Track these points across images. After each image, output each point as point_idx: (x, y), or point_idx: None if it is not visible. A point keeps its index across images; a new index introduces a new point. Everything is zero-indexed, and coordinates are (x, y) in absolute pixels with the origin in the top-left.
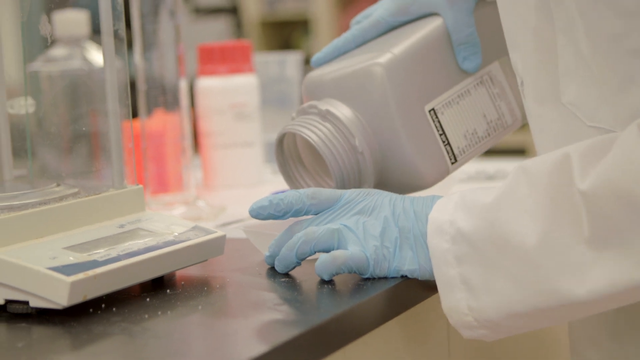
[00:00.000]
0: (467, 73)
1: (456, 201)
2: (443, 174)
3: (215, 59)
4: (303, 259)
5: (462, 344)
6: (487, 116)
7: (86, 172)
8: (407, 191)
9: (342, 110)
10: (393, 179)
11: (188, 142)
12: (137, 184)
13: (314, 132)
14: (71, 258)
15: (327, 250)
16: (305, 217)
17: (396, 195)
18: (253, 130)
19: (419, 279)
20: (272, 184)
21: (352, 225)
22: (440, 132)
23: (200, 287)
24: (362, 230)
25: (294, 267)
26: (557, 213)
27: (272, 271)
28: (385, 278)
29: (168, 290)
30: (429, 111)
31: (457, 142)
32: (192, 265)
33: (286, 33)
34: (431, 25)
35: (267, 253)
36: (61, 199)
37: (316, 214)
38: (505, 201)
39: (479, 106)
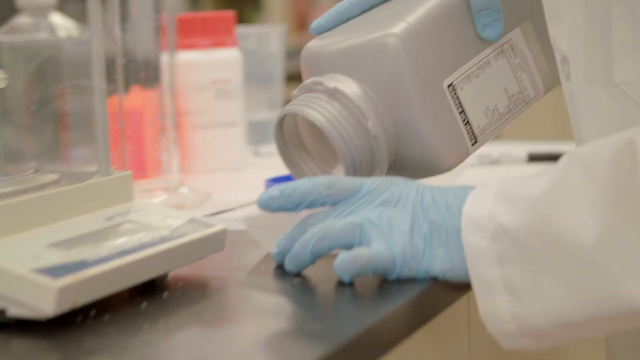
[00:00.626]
0: (486, 42)
1: (496, 193)
2: (463, 156)
3: (195, 31)
4: (319, 257)
5: (484, 352)
6: (509, 90)
7: (65, 156)
8: (422, 176)
9: (352, 87)
10: (408, 163)
11: (170, 122)
12: (125, 170)
13: (320, 112)
14: (57, 257)
15: (347, 247)
16: (320, 208)
17: (423, 185)
18: (236, 109)
19: (451, 280)
20: (256, 167)
21: (376, 219)
22: (460, 109)
23: (201, 290)
24: (388, 225)
25: (307, 266)
26: (620, 207)
27: (281, 270)
28: (412, 279)
29: (165, 294)
30: (448, 87)
31: (477, 121)
32: (190, 263)
33: (239, 7)
34: None
35: (275, 249)
36: (40, 187)
37: (333, 205)
38: (557, 193)
39: (499, 79)
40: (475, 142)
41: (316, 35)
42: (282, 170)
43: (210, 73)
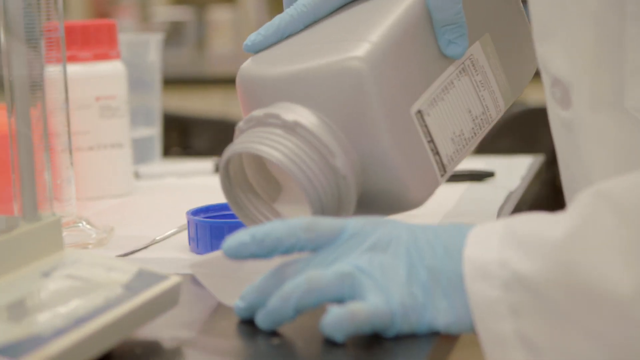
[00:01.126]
0: (448, 60)
1: (502, 235)
2: (432, 189)
3: (75, 42)
4: (301, 313)
5: None
6: (473, 111)
7: None
8: (391, 212)
9: (311, 120)
10: (374, 199)
11: (64, 144)
12: (54, 213)
13: (279, 150)
14: (7, 331)
15: (336, 301)
16: (296, 254)
17: (414, 225)
18: (122, 128)
19: (454, 334)
20: (144, 193)
21: (367, 267)
22: (429, 138)
23: (160, 356)
24: (381, 273)
25: (285, 323)
26: None
27: (248, 327)
28: (411, 335)
29: None
30: (415, 113)
31: (445, 149)
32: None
33: None
34: (406, 1)
35: (239, 303)
36: None
37: (313, 251)
38: (584, 238)
39: (463, 100)
40: (445, 172)
41: (252, 53)
42: (173, 195)
43: (93, 89)
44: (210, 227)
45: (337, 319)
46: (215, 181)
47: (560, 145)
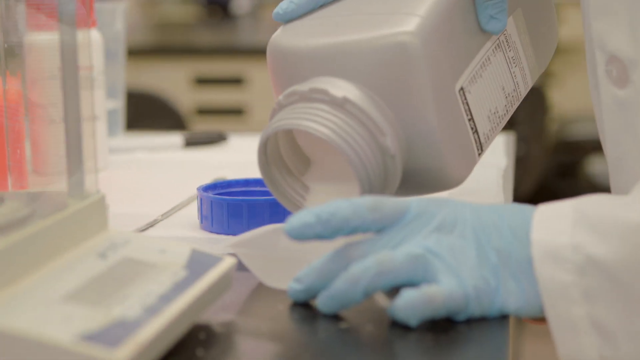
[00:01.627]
0: (485, 36)
1: (575, 218)
2: (471, 168)
3: (48, 9)
4: (369, 296)
5: None
6: (506, 88)
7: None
8: (430, 191)
9: (359, 96)
10: (416, 177)
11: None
12: (98, 190)
13: (329, 128)
14: (92, 317)
15: (407, 284)
16: (357, 235)
17: (476, 205)
18: (99, 100)
19: (524, 317)
20: (120, 167)
21: (437, 248)
22: (469, 117)
23: (230, 344)
24: (452, 255)
25: (351, 306)
26: None
27: (305, 311)
28: (482, 319)
29: (198, 351)
30: (459, 91)
31: (482, 127)
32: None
33: None
34: None
35: (296, 286)
36: (13, 225)
37: (377, 232)
38: None
39: (498, 77)
40: (481, 151)
41: (282, 22)
42: (150, 170)
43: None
44: (228, 204)
45: (412, 303)
46: (186, 155)
47: (611, 123)
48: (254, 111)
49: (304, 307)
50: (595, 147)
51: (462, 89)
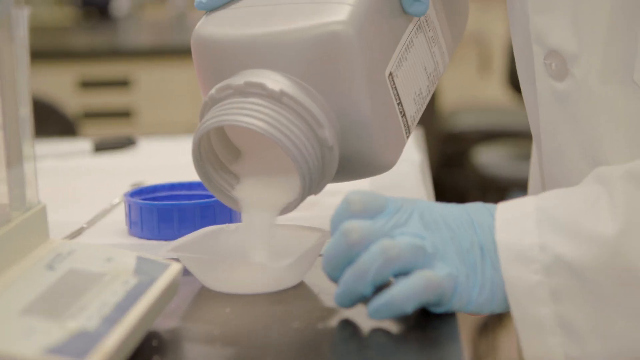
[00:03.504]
0: (408, 18)
1: (539, 218)
2: (400, 152)
3: None
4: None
5: None
6: (427, 68)
7: None
8: (359, 177)
9: (295, 89)
10: (348, 164)
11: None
12: (39, 200)
13: (268, 122)
14: (54, 330)
15: (403, 274)
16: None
17: (442, 204)
18: None
19: (491, 313)
20: None
21: (431, 238)
22: (398, 101)
23: (184, 350)
24: (443, 247)
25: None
26: None
27: (253, 314)
28: (450, 315)
29: (155, 359)
30: (388, 76)
31: (409, 110)
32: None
33: None
34: None
35: (338, 288)
36: None
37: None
38: (631, 223)
39: (421, 58)
40: (409, 133)
41: (205, 11)
42: (63, 176)
43: None
44: (158, 210)
45: (412, 287)
46: (97, 161)
47: (549, 115)
48: (142, 112)
49: (252, 309)
50: (479, 137)
51: (390, 74)
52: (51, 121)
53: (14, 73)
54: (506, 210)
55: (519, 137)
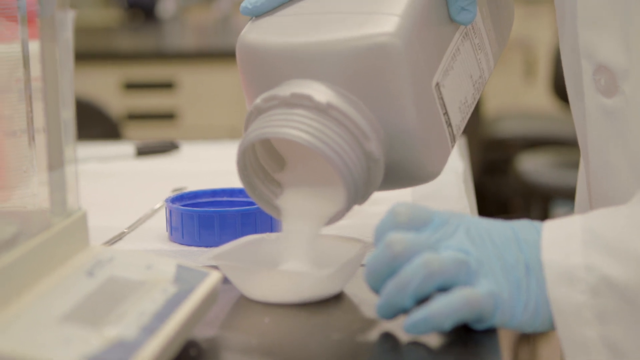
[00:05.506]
0: (455, 26)
1: (585, 238)
2: (446, 160)
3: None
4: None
5: None
6: (473, 76)
7: None
8: (404, 186)
9: (341, 100)
10: (393, 173)
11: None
12: (80, 206)
13: (317, 137)
14: (92, 339)
15: (449, 288)
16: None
17: (487, 219)
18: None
19: (538, 332)
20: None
21: (476, 253)
22: (444, 111)
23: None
24: (488, 263)
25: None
26: None
27: (292, 324)
28: (491, 330)
29: None
30: (435, 86)
31: (455, 119)
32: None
33: None
34: None
35: (380, 300)
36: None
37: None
38: None
39: (467, 66)
40: (454, 142)
41: (250, 17)
42: (105, 180)
43: (12, 69)
44: (199, 216)
45: (451, 305)
46: (139, 165)
47: (597, 131)
48: (185, 115)
49: (291, 320)
50: (523, 144)
51: (437, 84)
52: (95, 123)
53: (57, 75)
54: (553, 229)
55: (563, 145)
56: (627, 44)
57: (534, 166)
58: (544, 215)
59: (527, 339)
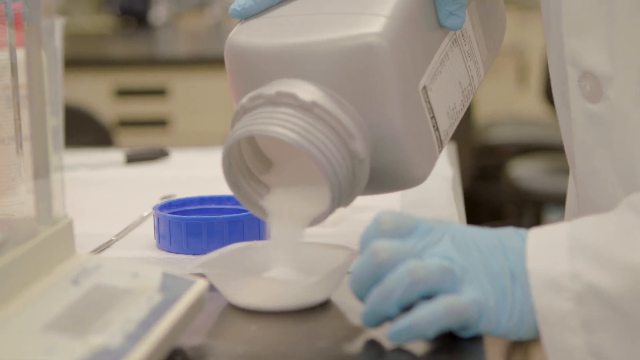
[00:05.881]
0: (444, 32)
1: (571, 246)
2: (433, 165)
3: None
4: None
5: None
6: (462, 83)
7: None
8: (390, 190)
9: (327, 99)
10: (379, 176)
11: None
12: (66, 214)
13: (298, 133)
14: (76, 347)
15: (431, 297)
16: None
17: (473, 227)
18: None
19: (522, 339)
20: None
21: (461, 261)
22: (431, 115)
23: None
24: (474, 270)
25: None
26: None
27: (278, 332)
28: (477, 337)
29: None
30: (422, 90)
31: (443, 124)
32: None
33: None
34: None
35: (365, 307)
36: None
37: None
38: None
39: (456, 73)
40: (441, 148)
41: (239, 19)
42: (94, 188)
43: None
44: (187, 224)
45: (434, 313)
46: (129, 172)
47: (583, 137)
48: (178, 122)
49: (277, 327)
50: (516, 151)
51: (424, 87)
52: (87, 129)
53: (42, 83)
54: (538, 237)
55: (555, 151)
56: (612, 50)
57: (526, 172)
58: (536, 222)
59: (520, 344)
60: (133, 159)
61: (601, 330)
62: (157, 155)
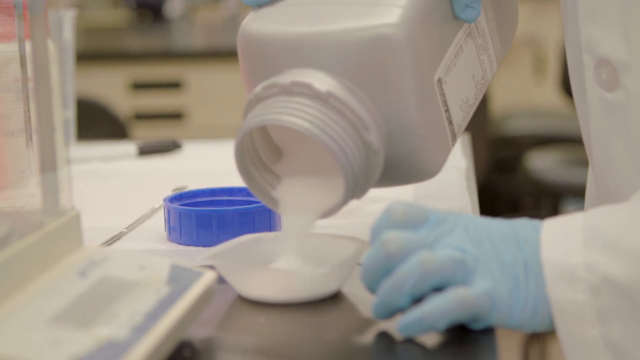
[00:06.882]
0: (459, 24)
1: (585, 236)
2: (446, 158)
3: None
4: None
5: None
6: (475, 76)
7: None
8: (404, 182)
9: (342, 90)
10: (393, 169)
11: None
12: (73, 206)
13: (313, 123)
14: (82, 340)
15: (445, 287)
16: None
17: (485, 218)
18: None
19: (536, 331)
20: (75, 179)
21: (474, 251)
22: (445, 108)
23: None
24: (486, 261)
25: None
26: None
27: (287, 324)
28: (489, 329)
29: None
30: (436, 82)
31: (456, 117)
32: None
33: None
34: None
35: (376, 300)
36: None
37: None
38: None
39: (470, 66)
40: (454, 140)
41: (252, 7)
42: (106, 180)
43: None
44: (197, 215)
45: (445, 305)
46: (141, 164)
47: (600, 126)
48: (193, 115)
49: (286, 319)
50: (533, 142)
51: (439, 79)
52: (102, 123)
53: (48, 75)
54: (552, 228)
55: (573, 142)
56: (628, 37)
57: (544, 164)
58: (554, 214)
59: (537, 338)
60: (145, 151)
61: (617, 322)
62: (169, 147)
